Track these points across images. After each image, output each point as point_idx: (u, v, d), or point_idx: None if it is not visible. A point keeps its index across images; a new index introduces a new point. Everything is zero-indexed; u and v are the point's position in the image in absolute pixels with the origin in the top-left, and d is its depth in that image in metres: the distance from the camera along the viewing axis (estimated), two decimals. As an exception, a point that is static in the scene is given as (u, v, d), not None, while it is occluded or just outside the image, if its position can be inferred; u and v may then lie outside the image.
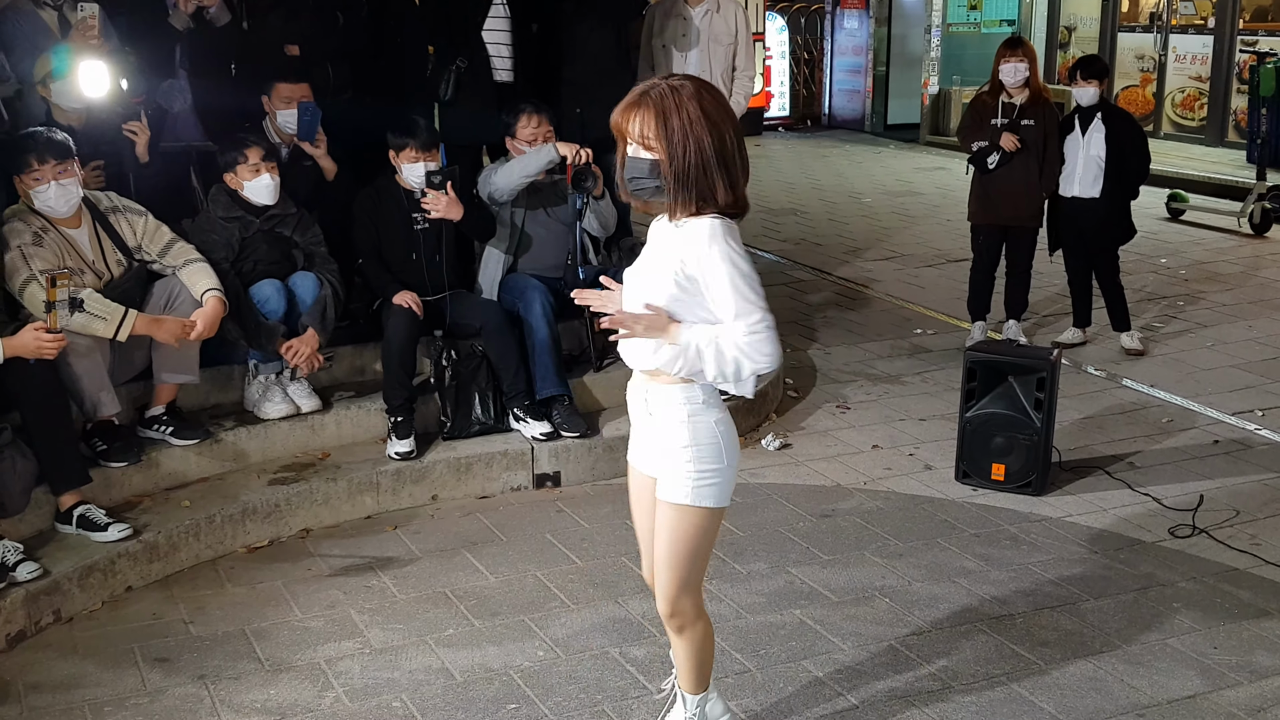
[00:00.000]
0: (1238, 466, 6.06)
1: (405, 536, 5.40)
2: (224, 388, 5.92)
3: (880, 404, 6.96)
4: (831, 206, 12.59)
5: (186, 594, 4.90)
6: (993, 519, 5.53)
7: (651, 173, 3.18)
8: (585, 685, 4.22)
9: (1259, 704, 4.11)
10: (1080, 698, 4.14)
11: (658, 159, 3.16)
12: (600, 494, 5.82)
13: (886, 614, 4.68)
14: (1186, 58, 14.81)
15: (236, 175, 5.69)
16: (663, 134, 3.13)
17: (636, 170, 3.21)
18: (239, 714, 4.08)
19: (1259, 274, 9.68)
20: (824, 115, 18.63)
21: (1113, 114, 7.56)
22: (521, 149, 6.33)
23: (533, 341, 6.03)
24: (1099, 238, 7.62)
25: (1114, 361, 7.63)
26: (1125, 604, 4.77)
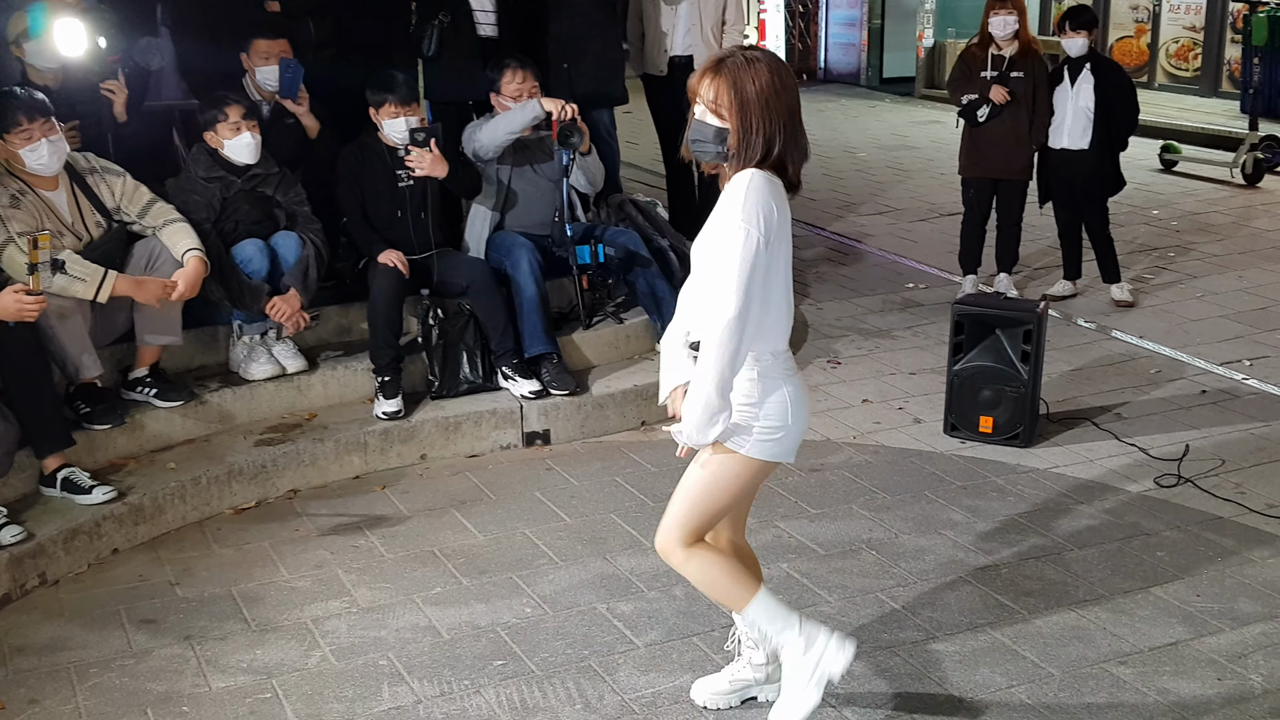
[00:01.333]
0: (1224, 416, 6.06)
1: (393, 496, 5.39)
2: (208, 349, 5.89)
3: (871, 358, 6.95)
4: (826, 161, 12.53)
5: (173, 556, 4.89)
6: (980, 471, 5.52)
7: (716, 139, 3.28)
8: (572, 641, 4.22)
9: (1240, 650, 4.13)
10: (1063, 646, 4.16)
11: (725, 127, 3.26)
12: (590, 451, 5.82)
13: (873, 566, 4.69)
14: (1180, 7, 14.73)
15: (216, 134, 5.64)
16: (735, 104, 3.23)
17: (701, 134, 3.30)
18: (225, 674, 4.08)
19: (1250, 224, 9.66)
20: (820, 69, 18.53)
21: (1101, 65, 7.51)
22: (507, 105, 6.28)
23: (520, 299, 6.01)
24: (1088, 189, 7.60)
25: (1104, 313, 7.62)
26: (1109, 553, 4.78)
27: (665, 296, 6.39)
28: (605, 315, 6.51)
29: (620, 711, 3.83)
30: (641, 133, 10.06)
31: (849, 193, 11.02)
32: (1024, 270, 8.26)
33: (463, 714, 3.84)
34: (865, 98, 16.77)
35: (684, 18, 7.84)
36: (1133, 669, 4.03)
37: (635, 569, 4.70)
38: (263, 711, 3.88)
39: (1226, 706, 3.84)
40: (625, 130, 8.27)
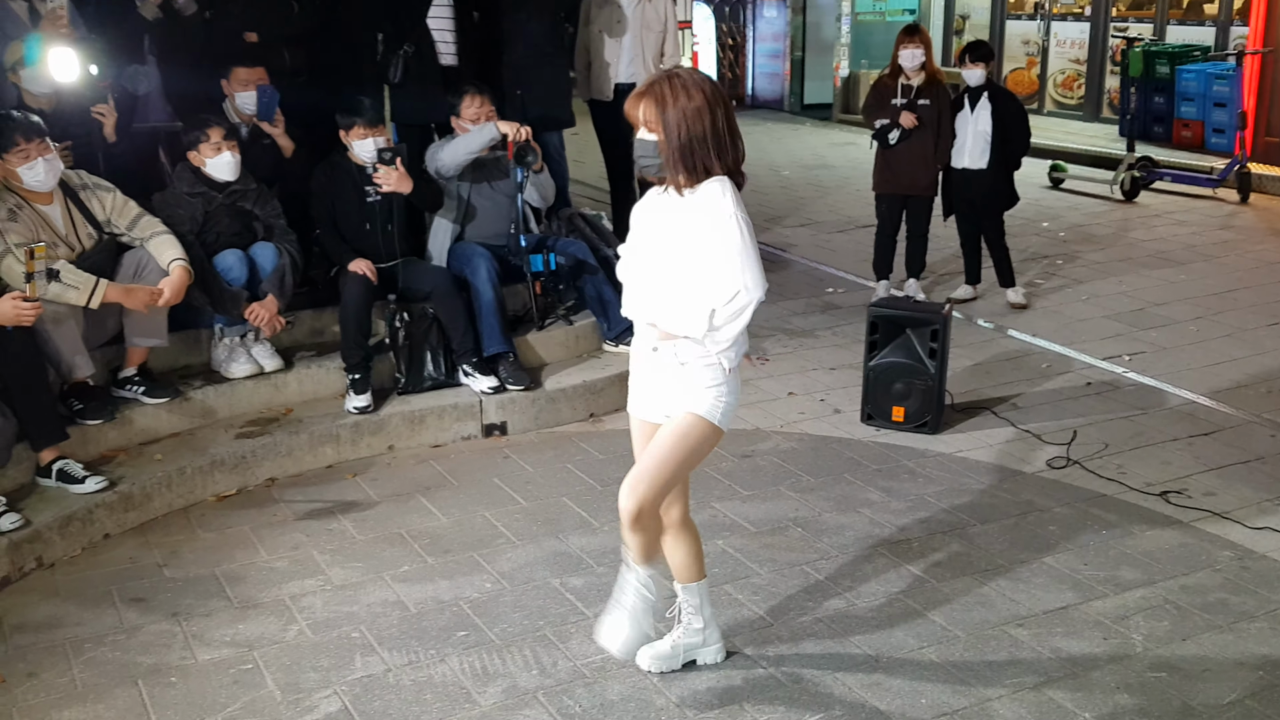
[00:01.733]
0: (1107, 405, 6.10)
1: (363, 483, 5.32)
2: (192, 350, 5.79)
3: (796, 355, 6.94)
4: (753, 179, 12.36)
5: (160, 540, 4.80)
6: (893, 455, 5.53)
7: (654, 151, 3.34)
8: (529, 613, 4.18)
9: (1123, 613, 4.16)
10: (968, 611, 4.17)
11: (658, 139, 3.32)
12: (543, 441, 5.77)
13: (799, 542, 4.68)
14: (1066, 43, 14.84)
15: (199, 153, 5.56)
16: (661, 118, 3.29)
17: (643, 150, 3.37)
18: (210, 647, 4.01)
19: (1128, 235, 9.74)
20: (748, 96, 18.53)
21: (997, 93, 7.54)
22: (466, 127, 6.24)
23: (479, 304, 5.96)
24: (987, 204, 7.63)
25: (1000, 314, 7.65)
26: (1008, 528, 4.80)
27: (611, 300, 6.36)
28: (557, 318, 6.47)
29: (573, 676, 3.80)
30: (587, 152, 10.01)
31: (774, 207, 11.02)
32: (930, 276, 8.28)
33: (429, 681, 3.79)
34: (788, 122, 16.79)
35: (627, 49, 7.82)
36: (1029, 630, 4.04)
37: (585, 547, 4.66)
38: (245, 681, 3.81)
39: (1112, 663, 3.86)
40: (572, 150, 8.22)
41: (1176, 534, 4.73)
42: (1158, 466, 5.36)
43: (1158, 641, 3.98)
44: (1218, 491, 5.10)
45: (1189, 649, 3.94)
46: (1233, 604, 4.21)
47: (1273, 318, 7.48)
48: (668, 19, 7.90)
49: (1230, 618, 4.12)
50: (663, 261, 3.41)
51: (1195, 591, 4.30)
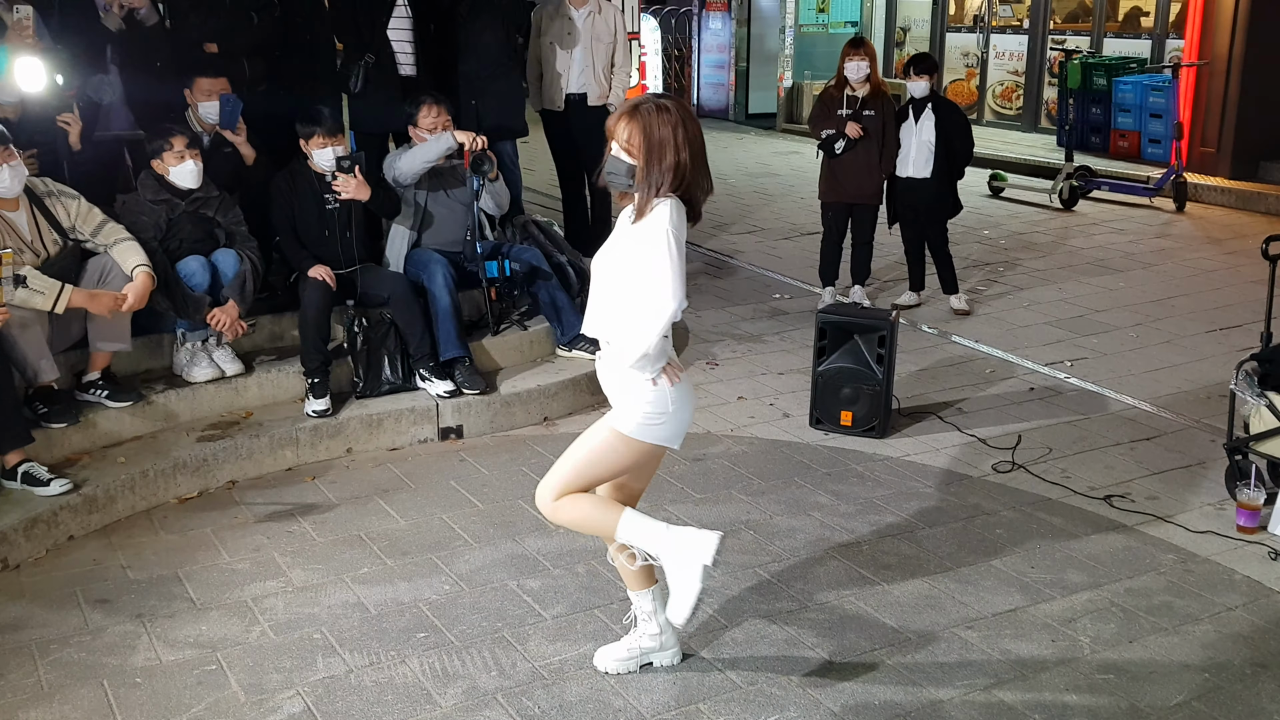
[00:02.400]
0: (1050, 410, 6.19)
1: (323, 486, 5.33)
2: (154, 354, 5.78)
3: (745, 360, 7.01)
4: (700, 186, 12.56)
5: (124, 541, 4.79)
6: (842, 459, 5.61)
7: (626, 173, 3.38)
8: (487, 614, 4.21)
9: (1070, 615, 4.23)
10: (918, 613, 4.22)
11: (633, 164, 3.36)
12: (499, 444, 5.80)
13: (751, 544, 4.74)
14: (1005, 55, 15.03)
15: (163, 161, 5.54)
16: (643, 145, 3.34)
17: (615, 168, 3.40)
18: (174, 648, 4.01)
19: (1068, 243, 9.89)
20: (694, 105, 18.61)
21: (941, 104, 7.64)
22: (423, 136, 6.26)
23: (436, 309, 5.99)
24: (930, 213, 7.72)
25: (944, 320, 7.75)
26: (955, 531, 4.86)
27: (564, 306, 6.41)
28: (511, 323, 6.50)
29: (531, 678, 3.84)
30: (538, 160, 10.04)
31: (721, 214, 11.10)
32: (875, 283, 8.38)
33: (390, 682, 3.82)
34: (733, 131, 16.88)
35: (578, 60, 7.86)
36: (978, 632, 4.11)
37: (542, 549, 4.70)
38: (209, 681, 3.82)
39: (1060, 665, 3.92)
40: (524, 158, 8.24)
41: (1121, 537, 4.81)
42: (1101, 471, 5.44)
43: (1105, 644, 4.04)
44: (1160, 495, 5.18)
45: (1135, 651, 4.00)
46: (1177, 607, 4.28)
47: (1210, 324, 7.61)
48: (617, 30, 7.95)
49: (1175, 620, 4.19)
50: (613, 278, 3.48)
51: (1140, 594, 4.37)
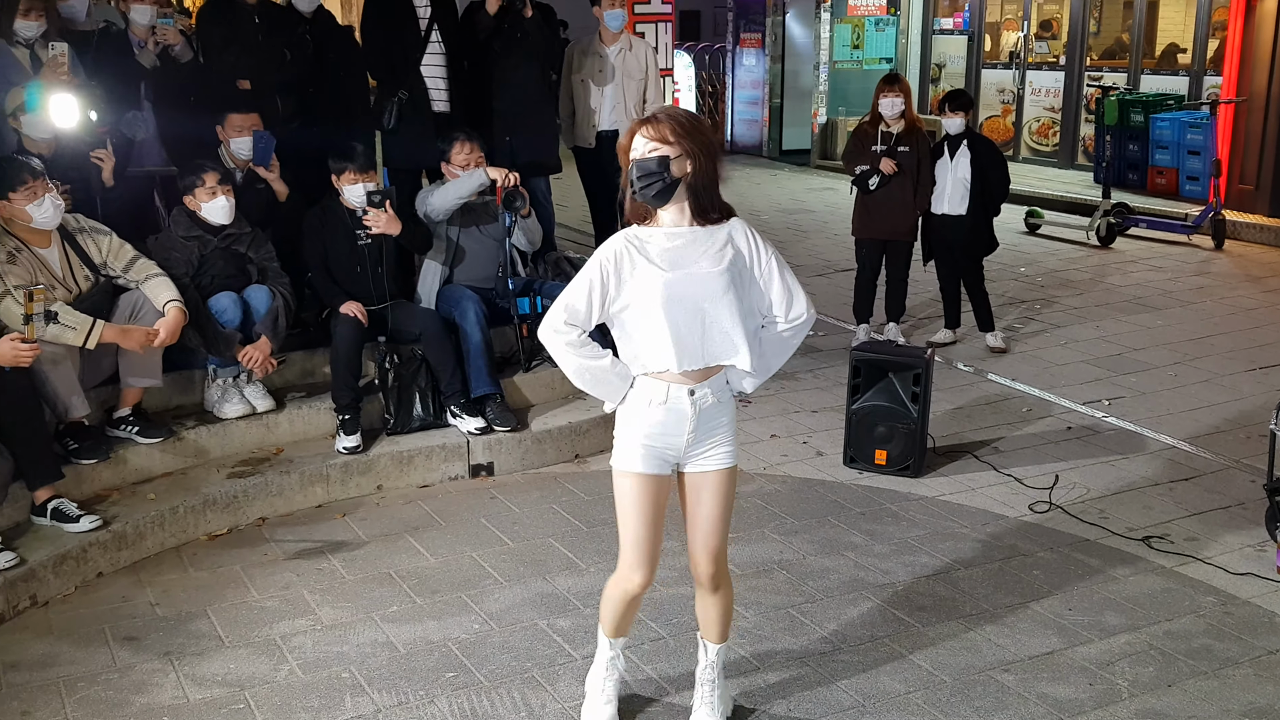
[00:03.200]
0: (1088, 450, 6.14)
1: (353, 523, 5.34)
2: (185, 390, 5.81)
3: (778, 398, 6.99)
4: (733, 223, 12.58)
5: (152, 578, 4.81)
6: (876, 499, 5.57)
7: (661, 167, 3.21)
8: (517, 654, 4.20)
9: (1108, 659, 4.18)
10: (953, 655, 4.18)
11: (667, 154, 3.21)
12: (529, 482, 5.79)
13: (784, 584, 4.71)
14: (1041, 91, 15.03)
15: (195, 197, 5.60)
16: (674, 131, 3.23)
17: (644, 169, 3.23)
18: (202, 687, 4.01)
19: (1105, 280, 9.84)
20: (727, 142, 18.66)
21: (977, 141, 7.64)
22: (456, 173, 6.29)
23: (467, 346, 6.00)
24: (966, 250, 7.70)
25: (980, 358, 7.71)
26: (992, 572, 4.82)
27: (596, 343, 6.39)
28: (543, 360, 6.49)
29: (560, 718, 3.81)
30: (570, 197, 10.08)
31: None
32: (910, 320, 8.35)
33: (420, 721, 3.80)
34: (767, 167, 16.93)
35: (609, 97, 7.89)
36: (1015, 675, 4.06)
37: (572, 588, 4.68)
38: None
39: (1098, 709, 3.87)
40: (557, 194, 8.28)
41: (1159, 579, 4.76)
42: (1139, 511, 5.39)
43: (1143, 688, 3.99)
44: (1199, 537, 5.13)
45: (1175, 696, 3.95)
46: (1217, 650, 4.23)
47: (1250, 363, 7.55)
48: (649, 66, 7.99)
49: (1215, 664, 4.14)
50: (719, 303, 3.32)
51: (1180, 637, 4.31)
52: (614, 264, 3.31)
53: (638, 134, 3.28)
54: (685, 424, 3.42)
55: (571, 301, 3.35)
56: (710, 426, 3.46)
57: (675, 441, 3.44)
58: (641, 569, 3.48)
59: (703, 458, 3.49)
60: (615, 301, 3.34)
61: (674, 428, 3.42)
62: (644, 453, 3.43)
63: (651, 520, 3.46)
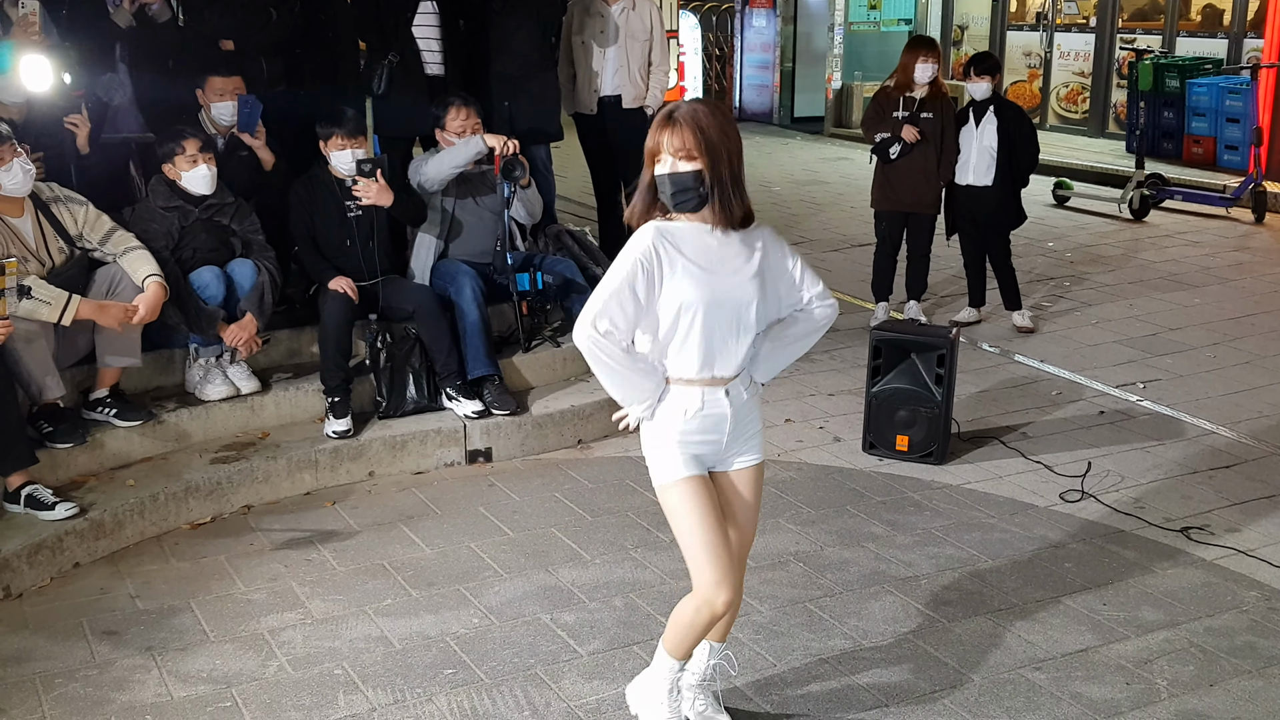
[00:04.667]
0: (1121, 435, 6.14)
1: (344, 511, 5.35)
2: (166, 370, 5.82)
3: (792, 381, 6.98)
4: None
5: (132, 569, 4.82)
6: (898, 487, 5.58)
7: (696, 182, 3.23)
8: (518, 650, 4.21)
9: (1145, 656, 4.18)
10: (981, 653, 4.19)
11: (701, 169, 3.21)
12: (530, 468, 5.80)
13: (801, 577, 4.71)
14: (1070, 54, 14.99)
15: (175, 166, 5.59)
16: (702, 144, 3.21)
17: (682, 184, 3.23)
18: (186, 684, 4.02)
19: (1138, 256, 9.83)
20: (735, 108, 18.63)
21: (1004, 107, 7.61)
22: (451, 140, 6.29)
23: (464, 324, 6.00)
24: (992, 223, 7.69)
25: (1006, 338, 7.71)
26: (1021, 564, 4.83)
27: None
28: (544, 339, 6.51)
29: (566, 718, 3.82)
30: (571, 166, 10.07)
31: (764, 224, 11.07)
32: (932, 298, 8.35)
33: (417, 721, 3.81)
34: (778, 135, 16.89)
35: (612, 60, 7.86)
36: (1047, 674, 4.07)
37: (576, 580, 4.69)
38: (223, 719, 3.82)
39: (1135, 710, 3.88)
40: (557, 164, 8.27)
41: (1199, 572, 4.76)
42: (1177, 501, 5.40)
43: (1183, 687, 4.00)
44: (1241, 528, 5.13)
45: (1216, 696, 3.96)
46: (1261, 648, 4.23)
47: (1292, 344, 7.55)
48: (653, 27, 7.95)
49: (1259, 662, 4.14)
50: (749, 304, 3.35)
51: (1221, 634, 4.32)
52: (653, 262, 3.27)
53: (663, 139, 3.25)
54: (725, 425, 3.42)
55: (606, 299, 3.28)
56: (746, 422, 3.49)
57: (714, 445, 3.45)
58: (725, 584, 3.34)
59: (736, 456, 3.51)
60: (653, 295, 3.30)
61: (713, 431, 3.43)
62: (685, 458, 3.41)
63: (717, 523, 3.39)
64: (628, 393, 3.40)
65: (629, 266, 3.26)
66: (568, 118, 8.01)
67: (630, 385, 3.38)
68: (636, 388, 3.38)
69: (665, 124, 3.24)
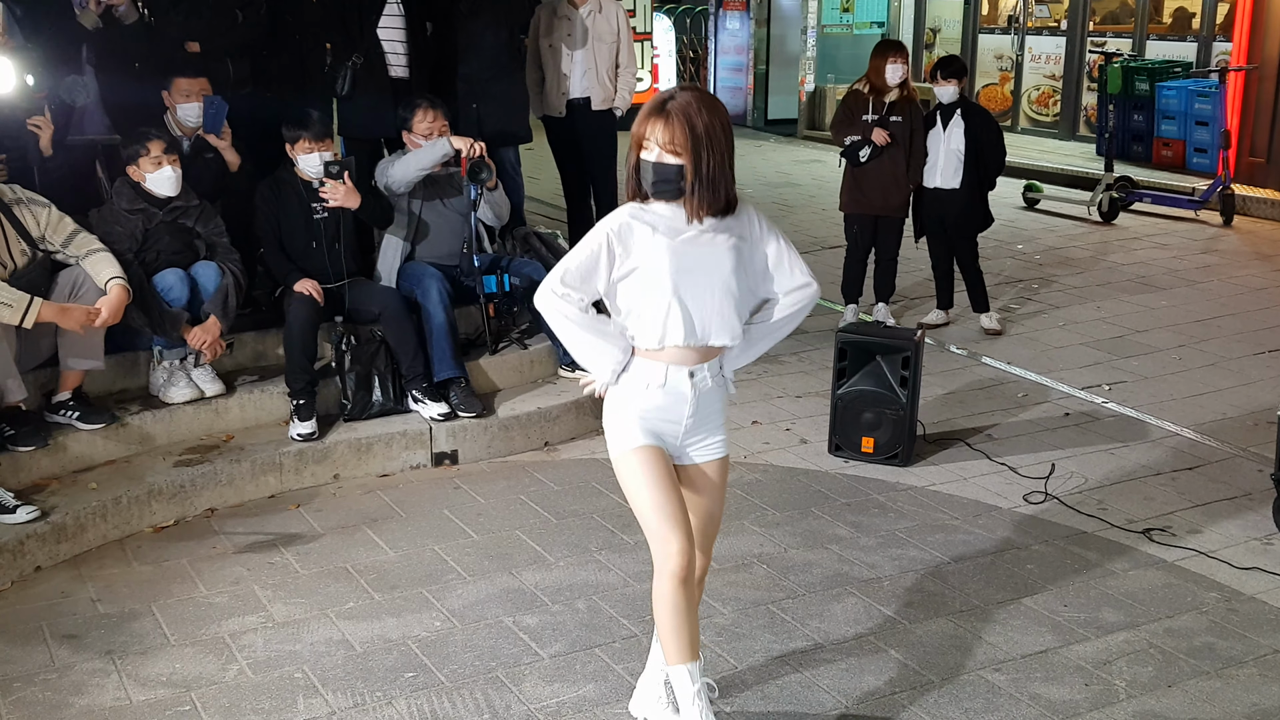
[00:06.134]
0: (1086, 437, 6.17)
1: (308, 514, 5.33)
2: (129, 373, 5.79)
3: (759, 382, 7.00)
4: (715, 196, 12.60)
5: (94, 573, 4.79)
6: (862, 489, 5.59)
7: (678, 176, 3.28)
8: (480, 653, 4.20)
9: (1105, 657, 4.20)
10: (942, 654, 4.20)
11: (683, 164, 3.26)
12: (496, 471, 5.79)
13: (764, 579, 4.72)
14: (1041, 57, 15.06)
15: (139, 168, 5.57)
16: (688, 141, 3.24)
17: (663, 174, 3.29)
18: (146, 687, 4.00)
19: (1107, 258, 9.88)
20: (708, 110, 18.64)
21: (971, 110, 7.65)
22: (418, 142, 6.28)
23: (430, 326, 5.99)
24: (959, 226, 7.72)
25: (974, 341, 7.74)
26: (983, 566, 4.84)
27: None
28: (510, 341, 6.50)
29: (527, 720, 3.83)
30: (542, 168, 10.06)
31: (738, 226, 11.08)
32: (901, 300, 8.37)
33: (377, 724, 3.80)
34: (751, 138, 16.91)
35: (580, 62, 7.86)
36: (1006, 675, 4.08)
37: (540, 583, 4.69)
38: (183, 724, 3.82)
39: (1094, 711, 3.89)
40: (526, 166, 8.27)
41: (1160, 574, 4.79)
42: (1140, 502, 5.42)
43: (1142, 688, 4.01)
44: (1203, 529, 5.16)
45: (1175, 697, 3.97)
46: (1220, 649, 4.26)
47: (1258, 346, 7.59)
48: (620, 29, 7.95)
49: (1218, 663, 4.16)
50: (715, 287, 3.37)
51: (1180, 635, 4.34)
52: (619, 231, 3.34)
53: (651, 129, 3.27)
54: (684, 407, 3.44)
55: (571, 265, 3.36)
56: (707, 413, 3.49)
57: (673, 426, 3.46)
58: (675, 534, 3.35)
59: (699, 446, 3.52)
60: (620, 267, 3.34)
61: (673, 411, 3.44)
62: (642, 430, 3.44)
63: (668, 485, 3.40)
64: (590, 356, 3.45)
65: (598, 237, 3.34)
66: (536, 120, 8.01)
67: (592, 348, 3.42)
68: (600, 351, 3.42)
69: (657, 113, 3.27)
